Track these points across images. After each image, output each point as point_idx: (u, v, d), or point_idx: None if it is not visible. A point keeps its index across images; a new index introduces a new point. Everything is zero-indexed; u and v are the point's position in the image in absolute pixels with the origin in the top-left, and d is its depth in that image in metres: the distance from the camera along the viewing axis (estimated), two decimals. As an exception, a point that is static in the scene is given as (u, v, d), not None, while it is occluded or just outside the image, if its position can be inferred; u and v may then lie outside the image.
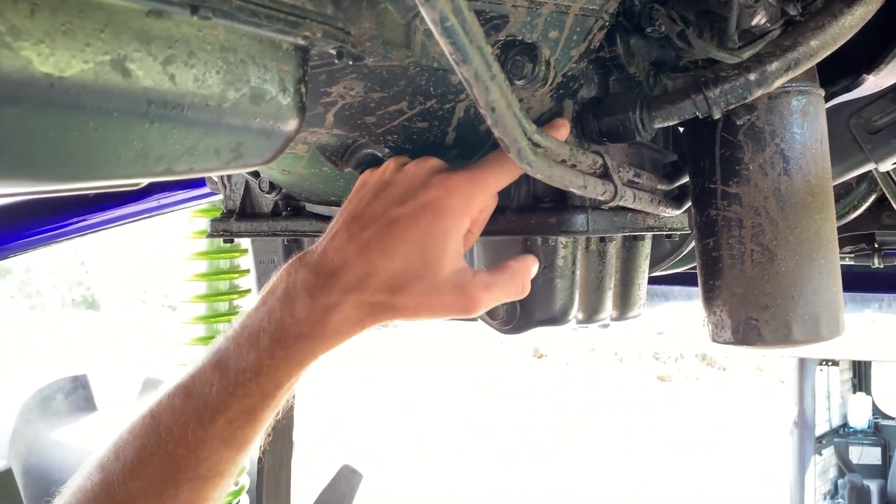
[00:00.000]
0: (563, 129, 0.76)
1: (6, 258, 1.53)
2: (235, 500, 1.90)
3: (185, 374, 0.71)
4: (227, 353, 0.69)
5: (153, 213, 1.60)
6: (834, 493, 5.85)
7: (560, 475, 7.53)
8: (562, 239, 0.84)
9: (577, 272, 0.87)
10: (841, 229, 1.57)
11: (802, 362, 5.52)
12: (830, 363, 5.95)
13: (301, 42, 0.56)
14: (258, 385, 0.68)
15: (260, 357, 0.68)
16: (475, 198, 0.71)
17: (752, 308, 0.85)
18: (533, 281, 0.85)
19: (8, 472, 2.12)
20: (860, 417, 6.11)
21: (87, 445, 2.44)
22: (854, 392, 6.24)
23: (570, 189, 0.73)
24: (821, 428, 5.74)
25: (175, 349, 1.87)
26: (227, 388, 0.68)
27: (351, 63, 0.60)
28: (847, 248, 1.86)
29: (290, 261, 0.74)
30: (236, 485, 1.87)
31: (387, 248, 0.68)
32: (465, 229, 0.71)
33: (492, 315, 0.88)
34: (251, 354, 0.68)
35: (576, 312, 0.89)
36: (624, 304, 0.99)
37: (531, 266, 0.76)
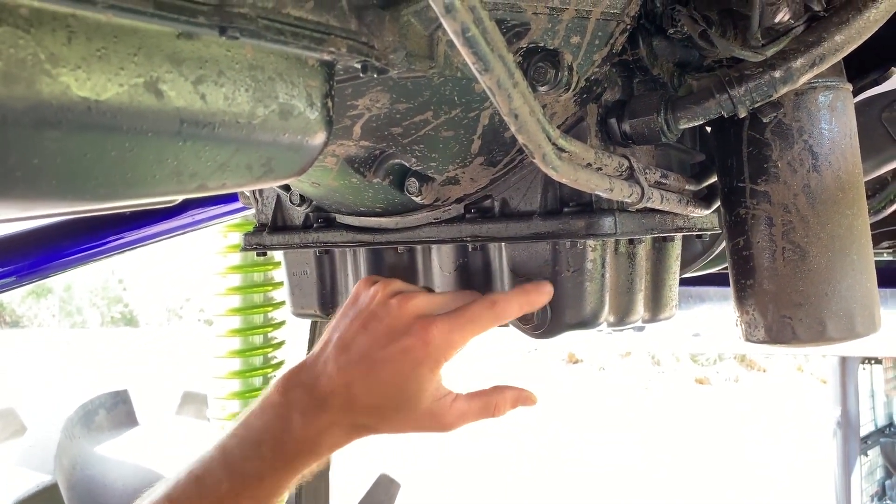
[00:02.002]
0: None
1: (47, 277, 1.56)
2: None
3: (195, 463, 0.81)
4: (233, 456, 0.81)
5: (188, 230, 1.63)
6: (882, 494, 5.71)
7: (599, 481, 7.46)
8: (590, 242, 0.85)
9: (607, 275, 0.88)
10: (878, 224, 1.54)
11: (844, 361, 5.41)
12: (873, 361, 5.83)
13: (326, 58, 0.57)
14: (262, 489, 0.80)
15: (263, 466, 0.80)
16: (452, 348, 0.81)
17: (785, 306, 0.85)
18: (563, 284, 0.86)
19: (54, 487, 2.17)
20: (906, 416, 5.97)
21: (129, 459, 2.49)
22: (899, 390, 6.10)
23: (597, 192, 0.74)
24: (865, 428, 5.62)
25: (211, 363, 1.89)
26: (234, 489, 0.79)
27: (376, 76, 0.61)
28: (885, 244, 1.83)
29: (286, 375, 0.85)
30: None
31: (371, 386, 0.80)
32: (441, 368, 0.80)
33: (523, 320, 0.88)
34: (255, 463, 0.80)
35: (607, 315, 0.89)
36: (655, 305, 0.98)
37: (509, 398, 0.87)
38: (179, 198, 0.55)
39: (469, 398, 0.84)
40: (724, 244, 0.99)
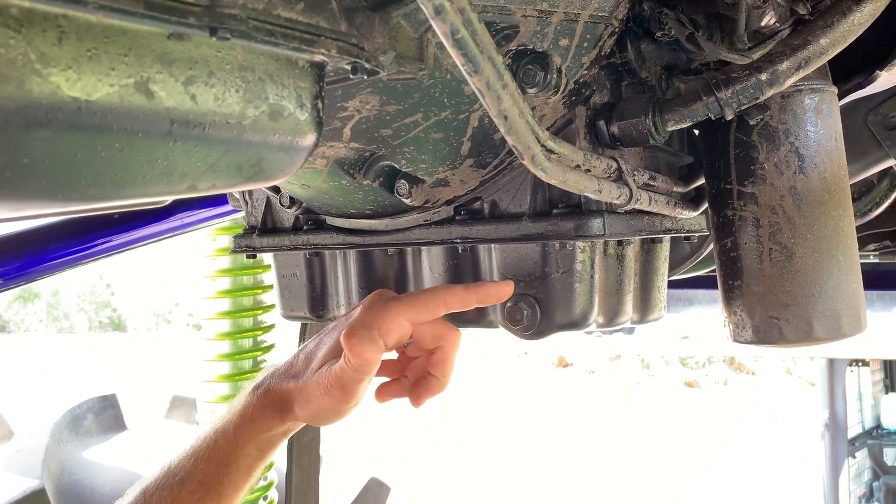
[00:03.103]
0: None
1: (34, 281, 1.56)
2: (264, 496, 1.91)
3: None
4: (196, 440, 0.87)
5: (177, 232, 1.62)
6: (869, 495, 5.75)
7: (589, 484, 7.47)
8: (579, 244, 0.85)
9: (596, 276, 0.88)
10: (864, 227, 1.56)
11: (832, 363, 5.45)
12: (861, 364, 5.87)
13: (317, 59, 0.58)
14: (209, 458, 0.84)
15: (211, 432, 0.86)
16: (389, 316, 0.82)
17: (772, 307, 0.86)
18: (552, 286, 0.86)
19: (42, 492, 2.16)
20: (894, 418, 6.01)
21: (117, 464, 2.47)
22: (886, 392, 6.14)
23: (586, 194, 0.74)
24: (853, 430, 5.66)
25: (200, 366, 1.89)
26: (188, 459, 0.84)
27: (366, 78, 0.61)
28: (871, 246, 1.85)
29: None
30: (265, 479, 1.88)
31: (308, 357, 0.86)
32: (382, 343, 0.81)
33: (513, 322, 0.89)
34: (207, 430, 0.87)
35: (596, 316, 0.89)
36: (644, 306, 0.99)
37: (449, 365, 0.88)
38: (169, 198, 0.55)
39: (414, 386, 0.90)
40: (711, 246, 1.00)
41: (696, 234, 1.05)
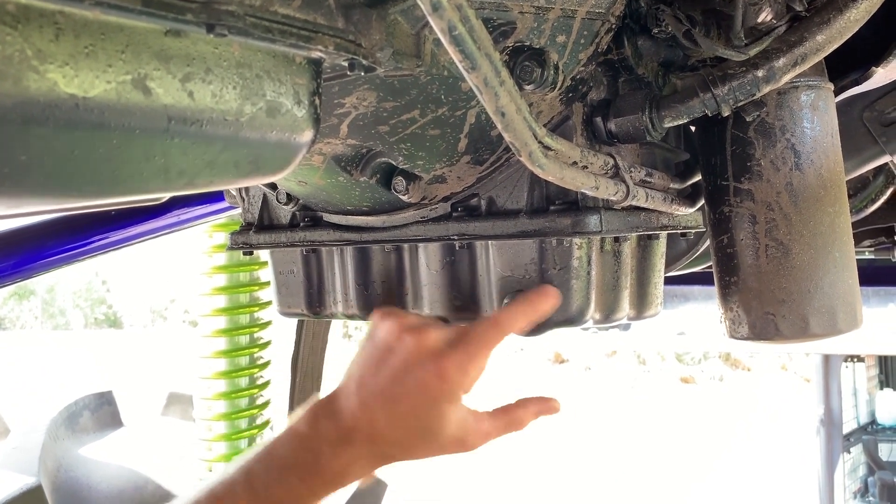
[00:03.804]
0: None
1: (30, 278, 1.55)
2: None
3: (216, 484, 0.82)
4: (258, 480, 0.81)
5: (173, 229, 1.62)
6: (864, 491, 5.77)
7: (586, 480, 7.49)
8: (576, 240, 0.85)
9: (593, 272, 0.88)
10: (859, 223, 1.56)
11: (827, 359, 5.47)
12: (856, 359, 5.89)
13: (314, 56, 0.58)
14: None
15: (289, 494, 0.81)
16: (468, 377, 0.82)
17: (768, 303, 0.86)
18: (549, 282, 0.87)
19: (38, 489, 2.15)
20: (888, 414, 6.03)
21: (113, 461, 2.47)
22: (881, 388, 6.16)
23: (583, 190, 0.74)
24: (848, 426, 5.67)
25: (197, 363, 1.89)
26: None
27: (363, 74, 0.61)
28: (867, 242, 1.85)
29: (313, 407, 0.86)
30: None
31: (393, 420, 0.82)
32: (460, 398, 0.82)
33: (509, 318, 0.89)
34: (281, 490, 0.81)
35: (593, 313, 0.89)
36: (641, 303, 0.99)
37: (532, 410, 0.89)
38: (167, 195, 0.55)
39: (492, 416, 0.87)
40: (708, 242, 1.00)
41: (693, 231, 1.05)
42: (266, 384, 1.95)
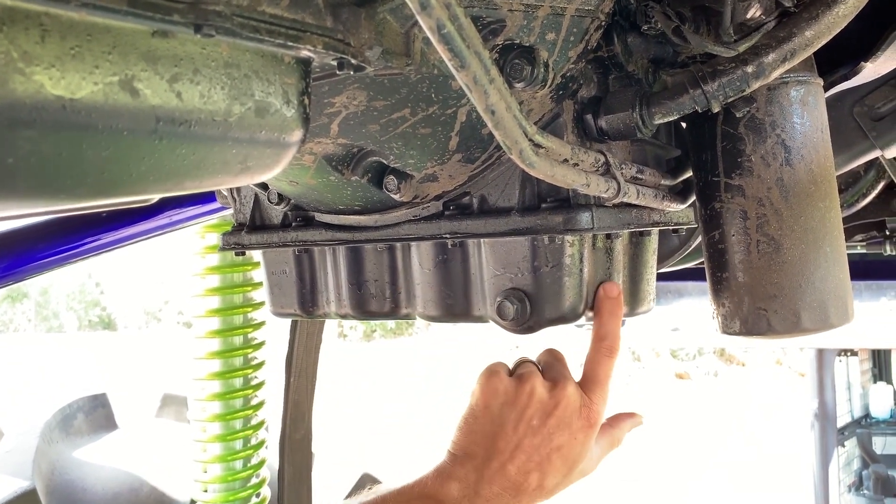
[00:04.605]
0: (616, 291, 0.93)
1: (22, 280, 1.55)
2: (256, 493, 1.91)
3: None
4: None
5: (165, 230, 1.61)
6: (859, 484, 5.80)
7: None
8: (568, 237, 0.85)
9: (585, 269, 0.88)
10: (851, 218, 1.57)
11: (821, 354, 5.49)
12: (849, 353, 5.91)
13: (302, 55, 0.57)
14: None
15: None
16: (605, 409, 0.94)
17: (760, 298, 0.86)
18: (541, 280, 0.87)
19: (32, 492, 2.15)
20: (882, 407, 6.06)
21: (108, 463, 2.47)
22: (875, 382, 6.19)
23: (574, 188, 0.74)
24: (842, 419, 5.70)
25: (191, 364, 1.88)
26: None
27: (352, 73, 0.61)
28: (858, 237, 1.86)
29: (451, 471, 0.91)
30: (257, 476, 1.88)
31: (552, 475, 0.89)
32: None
33: (503, 316, 0.89)
34: None
35: (585, 310, 0.90)
36: (633, 299, 0.99)
37: (626, 428, 1.00)
38: (156, 196, 0.55)
39: (598, 440, 0.94)
40: (700, 238, 1.00)
41: (685, 227, 1.05)
42: (260, 385, 1.94)
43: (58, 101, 0.42)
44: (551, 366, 0.95)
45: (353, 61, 0.59)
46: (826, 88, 0.93)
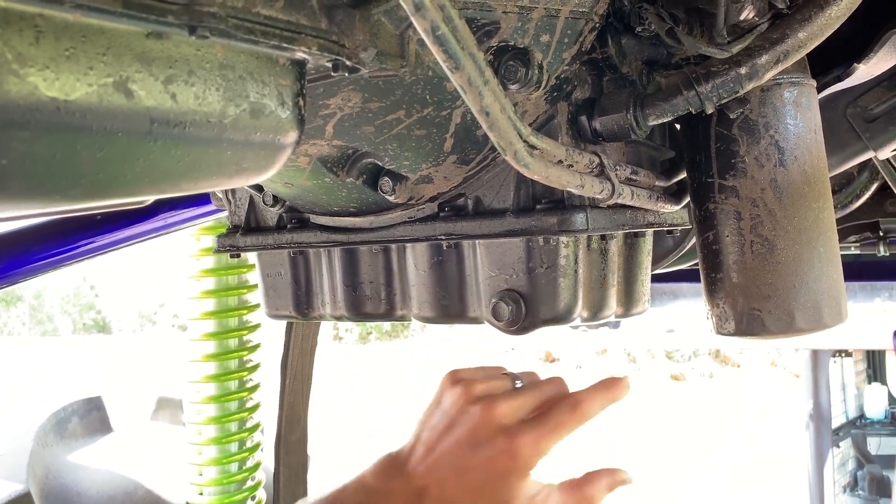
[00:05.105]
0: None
1: (16, 283, 1.54)
2: (251, 496, 1.91)
3: None
4: None
5: (160, 233, 1.61)
6: (854, 485, 5.81)
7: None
8: (563, 238, 0.85)
9: (580, 270, 0.88)
10: (845, 219, 1.57)
11: (816, 354, 5.50)
12: (844, 354, 5.93)
13: (297, 56, 0.58)
14: None
15: None
16: (539, 456, 0.83)
17: (754, 299, 0.86)
18: (536, 281, 0.87)
19: (27, 496, 2.14)
20: (876, 408, 6.08)
21: (103, 467, 2.46)
22: (869, 382, 6.21)
23: (568, 189, 0.75)
24: (837, 420, 5.72)
25: (186, 367, 1.88)
26: None
27: (347, 75, 0.61)
28: (852, 238, 1.86)
29: (382, 463, 0.88)
30: (252, 479, 1.88)
31: (461, 489, 0.82)
32: (529, 474, 0.83)
33: (498, 317, 0.89)
34: None
35: (580, 311, 0.90)
36: (628, 300, 0.99)
37: (604, 486, 0.90)
38: (151, 198, 0.55)
39: (562, 491, 0.88)
40: (694, 239, 1.01)
41: (679, 228, 1.06)
42: (256, 387, 1.94)
43: (52, 103, 0.42)
44: (509, 395, 0.89)
45: (347, 63, 0.59)
46: (819, 90, 0.93)
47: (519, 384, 0.93)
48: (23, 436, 2.44)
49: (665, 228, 1.01)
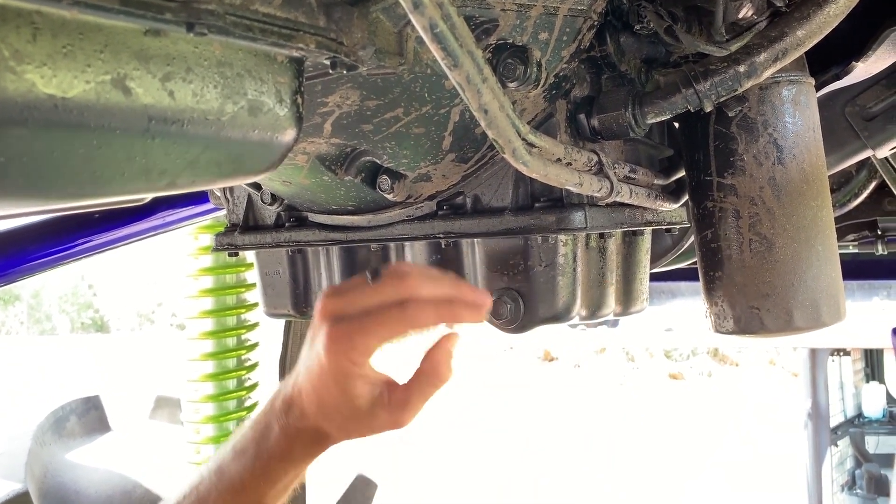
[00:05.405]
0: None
1: (15, 282, 1.54)
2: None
3: (201, 471, 0.85)
4: (224, 463, 0.84)
5: (158, 231, 1.61)
6: (852, 483, 5.81)
7: (576, 477, 7.51)
8: (561, 237, 0.85)
9: (579, 269, 0.88)
10: (843, 217, 1.57)
11: (814, 353, 5.50)
12: (842, 353, 5.93)
13: (295, 54, 0.57)
14: (245, 495, 0.83)
15: (244, 471, 0.83)
16: (356, 351, 0.78)
17: (752, 297, 0.86)
18: (535, 279, 0.87)
19: (25, 495, 2.14)
20: (875, 407, 6.07)
21: (101, 466, 2.46)
22: (867, 381, 6.20)
23: (567, 187, 0.75)
24: (835, 419, 5.71)
25: (184, 366, 1.88)
26: (222, 494, 0.83)
27: (345, 72, 0.61)
28: (850, 237, 1.86)
29: (279, 388, 0.87)
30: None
31: (310, 393, 0.81)
32: (354, 371, 0.79)
33: (496, 315, 0.89)
34: (237, 467, 0.83)
35: (579, 309, 0.90)
36: (626, 299, 0.99)
37: (444, 359, 0.82)
38: (149, 196, 0.55)
39: (406, 386, 0.82)
40: (693, 238, 1.01)
41: (678, 226, 1.06)
42: (254, 386, 1.94)
43: (49, 100, 0.42)
44: (354, 290, 0.81)
45: (345, 60, 0.59)
46: (817, 88, 0.93)
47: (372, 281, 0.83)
48: (21, 435, 2.43)
49: (664, 227, 1.01)
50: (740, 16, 0.78)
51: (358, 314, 0.79)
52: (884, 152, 1.17)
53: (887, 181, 1.37)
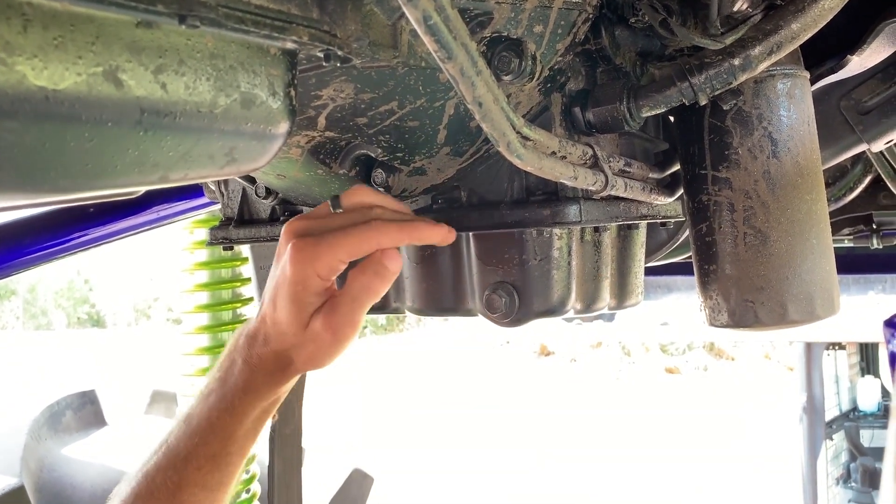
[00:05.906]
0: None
1: (9, 276, 1.54)
2: (246, 489, 1.91)
3: (171, 424, 0.84)
4: (192, 408, 0.83)
5: (153, 225, 1.61)
6: (847, 477, 5.84)
7: (572, 471, 7.53)
8: (556, 230, 0.85)
9: (573, 262, 0.88)
10: (838, 212, 1.58)
11: (809, 347, 5.52)
12: (837, 347, 5.95)
13: (288, 46, 0.57)
14: (213, 434, 0.81)
15: (210, 411, 0.82)
16: (319, 260, 0.77)
17: (747, 290, 0.86)
18: (530, 273, 0.87)
19: (21, 490, 2.14)
20: (869, 400, 6.10)
21: (97, 460, 2.46)
22: (862, 375, 6.23)
23: (561, 180, 0.74)
24: (830, 413, 5.74)
25: (180, 360, 1.88)
26: (191, 438, 0.81)
27: (339, 65, 0.61)
28: (846, 231, 1.87)
29: (243, 325, 0.86)
30: (247, 472, 1.88)
31: (273, 314, 0.80)
32: (324, 277, 0.78)
33: (491, 309, 0.89)
34: (205, 408, 0.82)
35: (574, 303, 0.90)
36: (621, 292, 0.99)
37: (385, 244, 0.78)
38: (142, 189, 0.55)
39: (340, 295, 0.80)
40: (688, 231, 1.01)
41: (673, 220, 1.06)
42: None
43: (40, 92, 0.42)
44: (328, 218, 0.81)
45: (339, 53, 0.59)
46: (813, 81, 0.93)
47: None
48: (16, 429, 2.43)
49: (658, 220, 1.01)
50: (735, 9, 0.78)
51: (323, 231, 0.78)
52: (879, 146, 1.17)
53: (882, 175, 1.37)
